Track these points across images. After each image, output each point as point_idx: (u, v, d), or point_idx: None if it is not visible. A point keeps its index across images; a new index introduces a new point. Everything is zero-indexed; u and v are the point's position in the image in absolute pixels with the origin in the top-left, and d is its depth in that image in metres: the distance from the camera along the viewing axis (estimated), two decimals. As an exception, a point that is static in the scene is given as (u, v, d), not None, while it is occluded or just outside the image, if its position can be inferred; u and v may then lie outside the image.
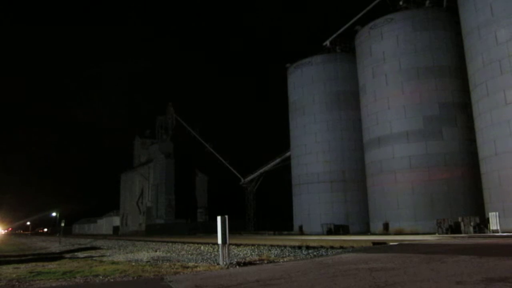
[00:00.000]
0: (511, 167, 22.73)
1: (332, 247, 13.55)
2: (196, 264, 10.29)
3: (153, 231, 61.48)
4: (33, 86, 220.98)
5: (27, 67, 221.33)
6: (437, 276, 5.31)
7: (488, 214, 22.61)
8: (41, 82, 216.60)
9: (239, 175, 58.12)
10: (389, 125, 30.25)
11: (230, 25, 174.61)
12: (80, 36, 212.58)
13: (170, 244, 21.86)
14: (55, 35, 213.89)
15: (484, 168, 24.94)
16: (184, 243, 21.65)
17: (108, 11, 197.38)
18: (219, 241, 9.85)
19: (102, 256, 15.93)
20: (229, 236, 9.92)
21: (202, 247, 17.51)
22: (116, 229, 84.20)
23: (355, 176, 35.82)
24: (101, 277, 8.36)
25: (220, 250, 10.04)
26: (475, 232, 21.59)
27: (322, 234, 33.61)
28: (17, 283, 7.92)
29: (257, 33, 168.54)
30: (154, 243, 23.68)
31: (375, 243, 13.67)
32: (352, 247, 13.05)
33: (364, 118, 33.20)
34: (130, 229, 74.59)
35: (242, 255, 12.80)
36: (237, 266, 8.99)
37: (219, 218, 9.93)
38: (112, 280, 7.84)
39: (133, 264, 11.27)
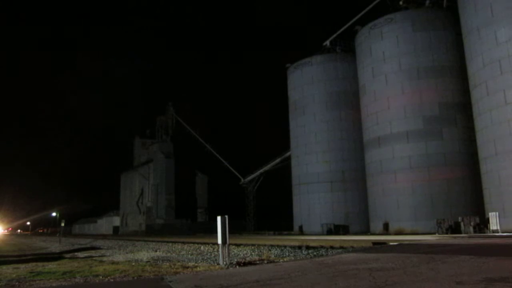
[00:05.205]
0: (511, 167, 22.73)
1: (332, 247, 13.53)
2: (196, 264, 10.28)
3: (153, 231, 61.45)
4: (33, 85, 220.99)
5: (27, 66, 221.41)
6: (437, 276, 5.31)
7: (488, 214, 22.60)
8: (41, 81, 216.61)
9: (239, 175, 58.09)
10: (389, 125, 30.24)
11: (230, 25, 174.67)
12: (80, 36, 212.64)
13: (170, 244, 21.83)
14: (55, 34, 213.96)
15: (484, 168, 24.93)
16: (184, 243, 21.62)
17: (108, 11, 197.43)
18: (219, 241, 9.84)
19: (102, 256, 15.93)
20: (229, 236, 9.91)
21: (202, 247, 17.50)
22: (116, 229, 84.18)
23: (355, 176, 35.81)
24: (101, 277, 8.36)
25: (220, 250, 10.04)
26: (475, 232, 21.59)
27: (322, 234, 33.60)
28: (17, 283, 7.91)
29: (257, 33, 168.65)
30: (154, 243, 23.66)
31: (375, 243, 13.66)
32: (352, 247, 13.04)
33: (364, 118, 33.19)
34: (130, 229, 74.56)
35: (242, 255, 12.80)
36: (237, 266, 8.99)
37: (219, 218, 9.93)
38: (112, 280, 7.84)
39: (133, 264, 11.26)
